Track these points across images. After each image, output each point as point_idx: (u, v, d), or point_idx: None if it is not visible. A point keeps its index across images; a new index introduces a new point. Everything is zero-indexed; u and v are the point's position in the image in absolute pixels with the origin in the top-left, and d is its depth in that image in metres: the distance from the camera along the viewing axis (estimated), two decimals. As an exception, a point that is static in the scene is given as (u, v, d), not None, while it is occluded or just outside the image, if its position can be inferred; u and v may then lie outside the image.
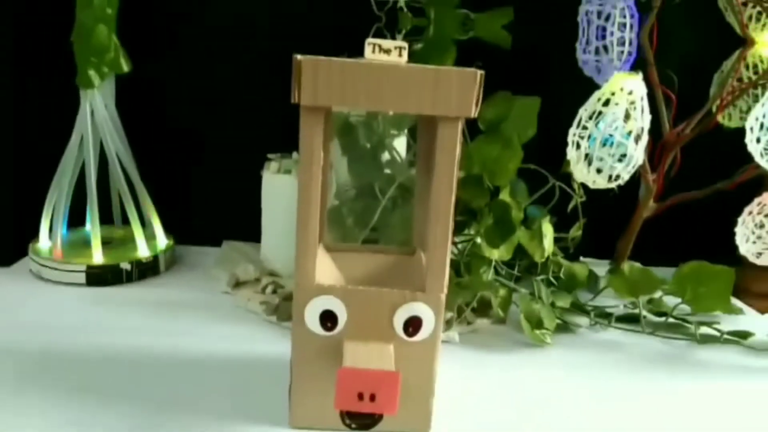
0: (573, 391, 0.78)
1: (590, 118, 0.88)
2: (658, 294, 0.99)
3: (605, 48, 0.96)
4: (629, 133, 0.86)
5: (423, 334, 0.64)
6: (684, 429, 0.72)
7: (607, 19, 0.95)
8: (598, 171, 0.88)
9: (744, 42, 1.00)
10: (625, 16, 0.95)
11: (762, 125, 0.88)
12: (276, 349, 0.80)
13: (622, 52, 0.96)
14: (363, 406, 0.59)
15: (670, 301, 0.98)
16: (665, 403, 0.76)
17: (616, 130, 0.86)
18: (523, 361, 0.85)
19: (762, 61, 1.03)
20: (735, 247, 0.95)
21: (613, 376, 0.82)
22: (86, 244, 1.02)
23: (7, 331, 0.83)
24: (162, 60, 1.16)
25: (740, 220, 0.93)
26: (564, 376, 0.81)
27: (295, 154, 1.07)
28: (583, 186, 0.95)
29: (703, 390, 0.80)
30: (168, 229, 1.11)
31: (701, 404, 0.77)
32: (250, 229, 1.09)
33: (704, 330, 0.93)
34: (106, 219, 1.07)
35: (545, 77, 1.12)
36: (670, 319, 0.96)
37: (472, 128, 0.91)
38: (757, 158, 0.88)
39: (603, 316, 0.97)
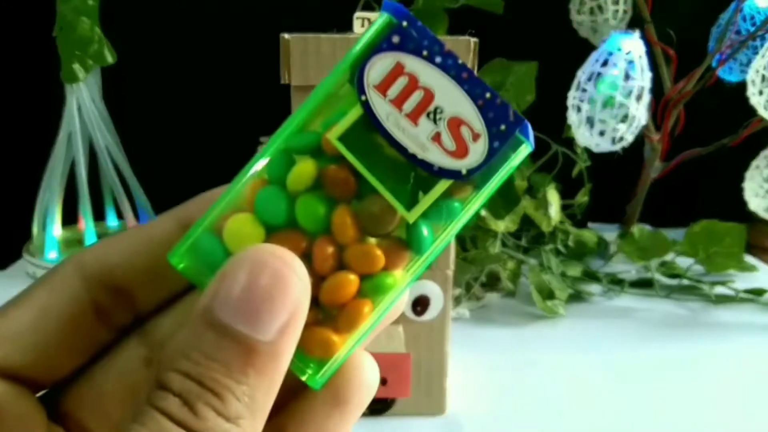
0: (590, 363, 0.76)
1: (589, 80, 0.86)
2: (670, 256, 0.98)
3: (600, 8, 0.95)
4: (630, 93, 0.85)
5: (432, 312, 0.62)
6: (706, 392, 0.70)
7: (600, -23, 0.94)
8: (601, 133, 0.86)
9: (740, -7, 0.98)
10: (618, -27, 0.93)
11: (763, 77, 0.86)
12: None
13: (617, 11, 0.94)
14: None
15: (683, 262, 0.96)
16: (685, 368, 0.75)
17: (616, 90, 0.84)
18: (537, 334, 0.83)
19: (759, 12, 1.01)
20: (745, 203, 0.94)
21: (629, 343, 0.81)
22: (81, 242, 1.01)
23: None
24: (147, 49, 1.15)
25: (748, 175, 0.92)
26: (579, 347, 0.80)
27: (288, 137, 1.05)
28: (587, 150, 0.94)
29: (722, 351, 0.79)
30: (164, 222, 1.09)
31: (721, 366, 0.76)
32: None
33: (719, 290, 0.92)
34: (99, 215, 1.05)
35: (540, 41, 1.10)
36: (684, 281, 0.94)
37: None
38: (761, 111, 0.87)
39: (615, 282, 0.95)
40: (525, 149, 0.24)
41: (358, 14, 0.59)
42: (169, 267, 0.25)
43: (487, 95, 0.23)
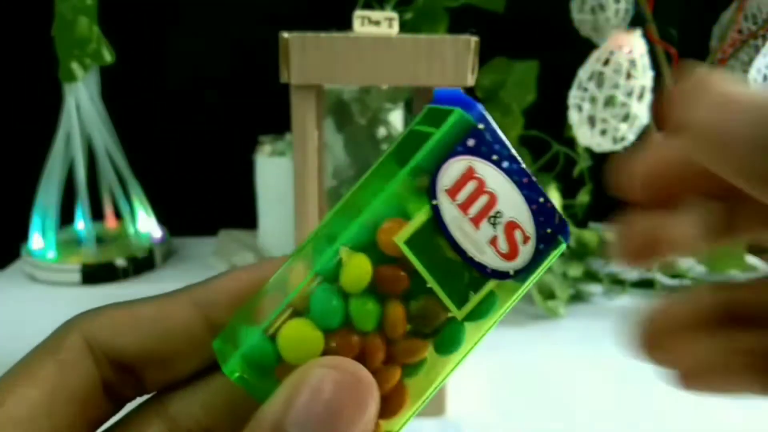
0: (590, 363, 0.76)
1: (590, 79, 0.85)
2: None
3: (601, 6, 0.94)
4: (631, 92, 0.84)
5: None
6: (710, 400, 0.70)
7: (601, -24, 0.93)
8: (603, 133, 0.86)
9: (742, -9, 0.97)
10: (619, -28, 0.93)
11: (765, 76, 0.86)
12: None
13: (618, 9, 0.94)
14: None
15: (684, 262, 0.96)
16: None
17: (618, 89, 0.84)
18: (537, 334, 0.83)
19: (761, 11, 1.00)
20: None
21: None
22: (79, 242, 1.01)
23: (4, 334, 0.81)
24: (145, 48, 1.14)
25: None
26: (579, 349, 0.79)
27: (288, 136, 1.04)
28: (588, 150, 0.93)
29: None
30: (162, 222, 1.09)
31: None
32: (246, 216, 1.07)
33: (720, 290, 0.91)
34: (97, 215, 1.04)
35: (541, 40, 1.09)
36: (686, 281, 0.94)
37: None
38: (764, 110, 0.86)
39: (616, 282, 0.95)
40: (562, 247, 0.25)
41: (358, 13, 0.58)
42: (186, 354, 0.26)
43: (541, 199, 0.24)
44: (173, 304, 0.26)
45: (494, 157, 0.24)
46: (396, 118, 0.94)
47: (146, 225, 1.06)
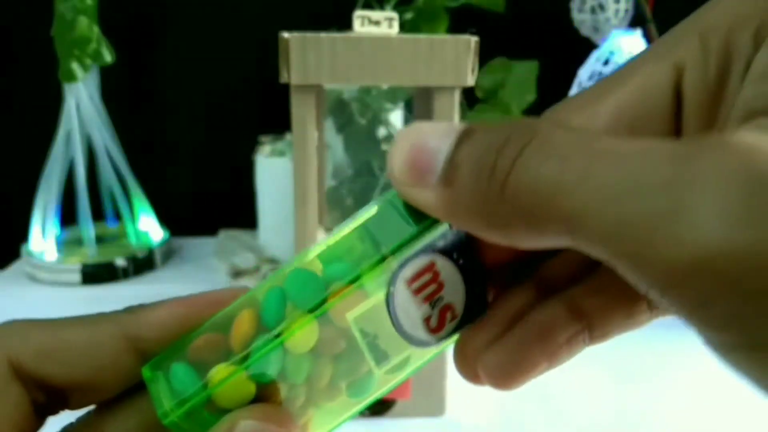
0: (590, 363, 0.76)
1: (590, 78, 0.85)
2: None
3: (601, 6, 0.94)
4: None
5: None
6: (707, 392, 0.70)
7: (601, -24, 0.93)
8: (602, 133, 0.86)
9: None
10: (619, -28, 0.92)
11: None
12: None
13: (619, 9, 0.94)
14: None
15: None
16: (686, 368, 0.75)
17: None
18: (537, 334, 0.83)
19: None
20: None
21: (629, 343, 0.80)
22: (79, 242, 1.00)
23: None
24: (145, 48, 1.14)
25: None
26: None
27: (288, 136, 1.04)
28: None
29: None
30: (162, 222, 1.09)
31: (723, 365, 0.75)
32: (246, 216, 1.07)
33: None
34: (97, 215, 1.04)
35: (541, 40, 1.09)
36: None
37: (469, 97, 0.89)
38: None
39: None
40: (480, 319, 0.27)
41: (358, 13, 0.59)
42: (114, 382, 0.27)
43: (478, 288, 0.26)
44: (102, 334, 0.26)
45: (455, 255, 0.26)
46: (396, 118, 0.94)
47: (146, 225, 1.06)
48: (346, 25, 0.60)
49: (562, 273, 0.27)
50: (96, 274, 0.97)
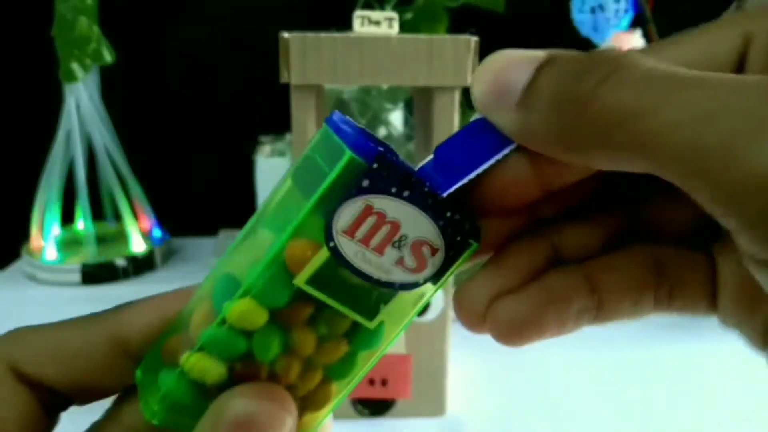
0: (590, 362, 0.76)
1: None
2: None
3: (601, 6, 0.94)
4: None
5: (432, 313, 0.62)
6: (708, 392, 0.70)
7: (601, -24, 0.93)
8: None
9: (742, -8, 0.97)
10: (619, -28, 0.93)
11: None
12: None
13: (619, 9, 0.94)
14: (375, 391, 0.58)
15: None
16: (686, 368, 0.75)
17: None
18: (537, 334, 0.83)
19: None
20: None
21: (629, 344, 0.80)
22: (79, 242, 1.00)
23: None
24: (145, 48, 1.14)
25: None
26: (580, 347, 0.79)
27: (288, 136, 1.04)
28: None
29: (723, 351, 0.78)
30: (162, 222, 1.09)
31: (723, 365, 0.75)
32: (246, 216, 1.07)
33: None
34: (97, 215, 1.04)
35: (541, 40, 1.09)
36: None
37: (469, 97, 0.88)
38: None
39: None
40: (474, 246, 0.26)
41: (358, 13, 0.58)
42: (108, 382, 0.28)
43: (448, 214, 0.24)
44: (93, 336, 0.27)
45: (393, 190, 0.24)
46: (396, 118, 0.94)
47: (146, 225, 1.06)
48: (346, 25, 0.60)
49: (582, 243, 0.27)
50: (96, 274, 0.97)
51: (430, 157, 0.25)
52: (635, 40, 0.85)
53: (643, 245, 0.27)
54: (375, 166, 0.23)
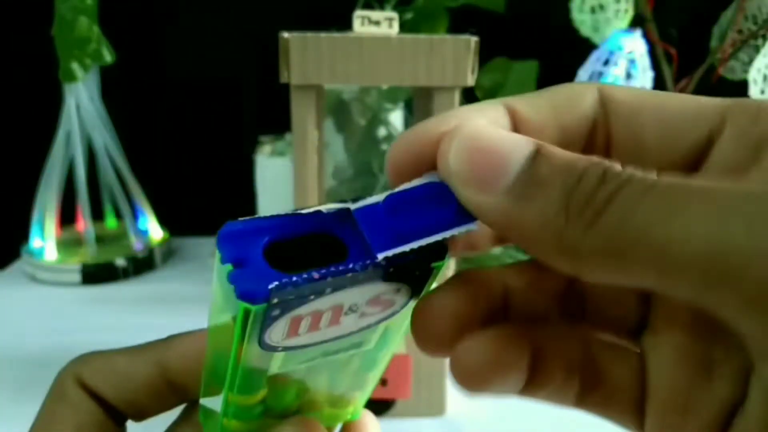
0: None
1: (590, 78, 0.85)
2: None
3: (601, 6, 0.94)
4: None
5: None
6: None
7: (601, -24, 0.93)
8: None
9: (742, -9, 0.97)
10: (619, -28, 0.92)
11: (765, 77, 0.86)
12: (281, 339, 0.78)
13: (619, 9, 0.94)
14: (375, 391, 0.57)
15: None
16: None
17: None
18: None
19: (761, 11, 1.00)
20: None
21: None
22: (79, 242, 1.00)
23: (5, 335, 0.81)
24: (145, 48, 1.14)
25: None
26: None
27: (288, 136, 1.04)
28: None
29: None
30: (162, 222, 1.09)
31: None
32: (246, 216, 1.07)
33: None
34: (97, 215, 1.04)
35: (541, 40, 1.09)
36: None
37: (469, 97, 0.89)
38: (763, 110, 0.86)
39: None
40: (441, 264, 0.24)
41: (358, 13, 0.58)
42: (152, 405, 0.30)
43: (391, 269, 0.23)
44: (140, 361, 0.30)
45: (311, 297, 0.22)
46: (396, 118, 0.94)
47: (146, 225, 1.06)
48: (346, 25, 0.60)
49: (530, 296, 0.26)
50: (96, 274, 0.97)
51: (380, 198, 0.23)
52: (635, 40, 0.85)
53: (586, 325, 0.26)
54: (275, 301, 0.21)
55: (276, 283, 0.20)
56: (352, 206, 0.23)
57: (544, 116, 0.25)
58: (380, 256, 0.22)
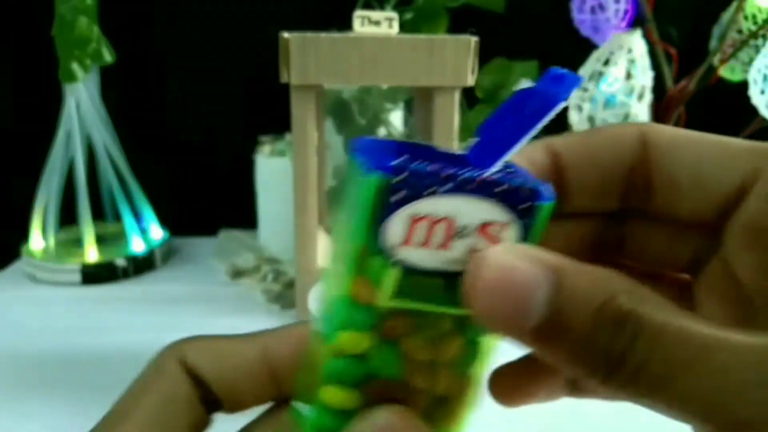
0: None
1: (590, 79, 0.85)
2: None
3: (601, 6, 0.94)
4: (631, 92, 0.84)
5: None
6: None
7: (601, -24, 0.93)
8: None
9: (742, -8, 0.97)
10: (619, -28, 0.93)
11: (765, 77, 0.86)
12: (281, 339, 0.78)
13: (619, 9, 0.94)
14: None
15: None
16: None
17: (618, 90, 0.84)
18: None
19: (761, 11, 1.00)
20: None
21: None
22: (79, 242, 1.00)
23: (5, 335, 0.81)
24: (145, 48, 1.14)
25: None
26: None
27: (288, 136, 1.04)
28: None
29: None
30: (162, 222, 1.09)
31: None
32: (246, 216, 1.07)
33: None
34: (97, 215, 1.04)
35: (541, 40, 1.09)
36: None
37: (469, 97, 0.89)
38: (762, 110, 0.86)
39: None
40: (548, 206, 0.25)
41: (358, 13, 0.58)
42: (250, 390, 0.30)
43: (498, 189, 0.24)
44: (247, 349, 0.30)
45: (429, 191, 0.23)
46: (396, 118, 0.94)
47: (146, 225, 1.06)
48: (346, 25, 0.60)
49: None
50: (96, 274, 0.97)
51: (476, 139, 0.25)
52: (635, 40, 0.85)
53: None
54: (396, 180, 0.23)
55: (402, 158, 0.23)
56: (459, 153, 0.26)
57: (583, 158, 0.28)
58: (488, 170, 0.24)
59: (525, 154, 0.27)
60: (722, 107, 0.98)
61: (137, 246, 1.02)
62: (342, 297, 0.25)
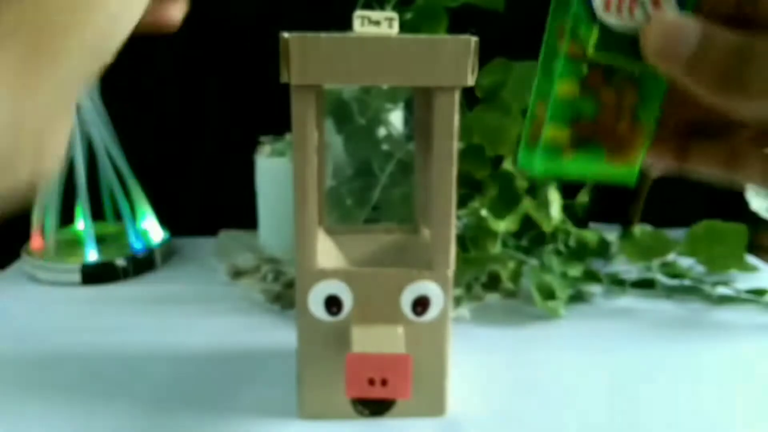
0: (590, 363, 0.76)
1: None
2: (671, 256, 0.97)
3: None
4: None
5: (432, 313, 0.62)
6: (707, 393, 0.70)
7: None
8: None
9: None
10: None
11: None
12: (281, 339, 0.78)
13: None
14: (375, 391, 0.58)
15: (684, 262, 0.96)
16: (686, 368, 0.75)
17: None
18: (537, 334, 0.83)
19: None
20: (747, 203, 0.93)
21: (629, 344, 0.80)
22: (79, 242, 1.00)
23: (5, 335, 0.81)
24: (146, 47, 1.14)
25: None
26: (579, 348, 0.79)
27: (288, 136, 1.04)
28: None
29: (723, 351, 0.78)
30: (162, 222, 1.09)
31: (722, 366, 0.75)
32: (246, 216, 1.07)
33: (720, 290, 0.92)
34: (97, 215, 1.04)
35: (541, 40, 1.09)
36: (686, 281, 0.94)
37: (469, 97, 0.88)
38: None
39: (616, 282, 0.94)
40: None
41: (358, 13, 0.58)
42: None
43: None
44: None
45: None
46: (396, 118, 0.94)
47: (146, 225, 1.06)
48: (346, 25, 0.60)
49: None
50: (96, 274, 0.97)
51: None
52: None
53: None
54: None
55: None
56: None
57: None
58: None
59: None
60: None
61: (137, 246, 1.02)
62: (563, 53, 0.39)
